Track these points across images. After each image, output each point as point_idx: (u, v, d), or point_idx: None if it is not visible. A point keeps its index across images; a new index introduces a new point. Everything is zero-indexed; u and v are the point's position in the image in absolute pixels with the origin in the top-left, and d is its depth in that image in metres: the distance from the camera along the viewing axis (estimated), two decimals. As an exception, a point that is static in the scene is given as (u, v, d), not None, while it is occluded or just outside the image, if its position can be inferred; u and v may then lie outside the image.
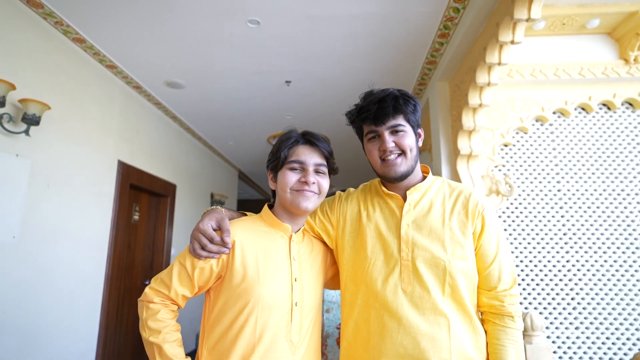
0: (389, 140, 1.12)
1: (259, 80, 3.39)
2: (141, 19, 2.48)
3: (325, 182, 1.16)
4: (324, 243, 1.26)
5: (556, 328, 2.53)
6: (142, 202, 3.97)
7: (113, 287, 3.19)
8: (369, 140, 1.17)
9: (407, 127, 1.14)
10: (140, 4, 2.33)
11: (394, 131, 1.13)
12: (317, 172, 1.14)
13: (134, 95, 3.55)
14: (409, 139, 1.13)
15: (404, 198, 1.16)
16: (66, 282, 2.65)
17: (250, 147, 5.57)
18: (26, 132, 2.17)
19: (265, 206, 1.20)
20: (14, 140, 2.20)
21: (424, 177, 1.20)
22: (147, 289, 1.07)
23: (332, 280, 1.29)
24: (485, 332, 1.10)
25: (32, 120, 2.16)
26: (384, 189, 1.19)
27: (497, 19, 2.06)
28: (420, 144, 1.20)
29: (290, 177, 1.12)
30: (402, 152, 1.13)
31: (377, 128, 1.13)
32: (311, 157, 1.14)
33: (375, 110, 1.11)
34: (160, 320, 1.03)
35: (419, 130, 1.20)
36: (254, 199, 10.15)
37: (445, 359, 1.01)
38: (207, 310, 1.11)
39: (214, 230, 1.07)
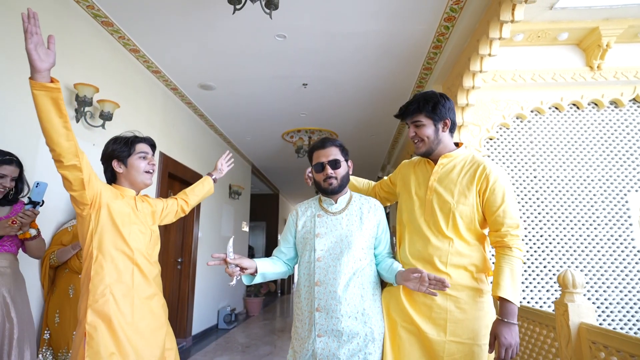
0: (412, 131, 1.58)
1: (279, 83, 3.93)
2: (187, 33, 3.02)
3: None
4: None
5: (538, 291, 3.05)
6: (175, 189, 4.52)
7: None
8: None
9: (427, 121, 1.54)
10: (188, 22, 2.88)
11: (415, 125, 1.59)
12: None
13: (170, 95, 4.10)
14: (427, 130, 1.54)
15: (436, 163, 1.63)
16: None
17: (265, 143, 6.11)
18: (102, 126, 2.72)
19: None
20: (91, 132, 2.75)
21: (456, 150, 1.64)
22: None
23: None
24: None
25: (107, 117, 2.71)
26: (427, 159, 1.68)
27: (477, 36, 2.59)
28: (445, 131, 1.57)
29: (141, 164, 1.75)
30: (421, 139, 1.57)
31: (407, 122, 1.64)
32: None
33: (404, 110, 1.62)
34: None
35: (445, 121, 1.56)
36: (264, 193, 10.62)
37: (444, 262, 1.52)
38: None
39: None
